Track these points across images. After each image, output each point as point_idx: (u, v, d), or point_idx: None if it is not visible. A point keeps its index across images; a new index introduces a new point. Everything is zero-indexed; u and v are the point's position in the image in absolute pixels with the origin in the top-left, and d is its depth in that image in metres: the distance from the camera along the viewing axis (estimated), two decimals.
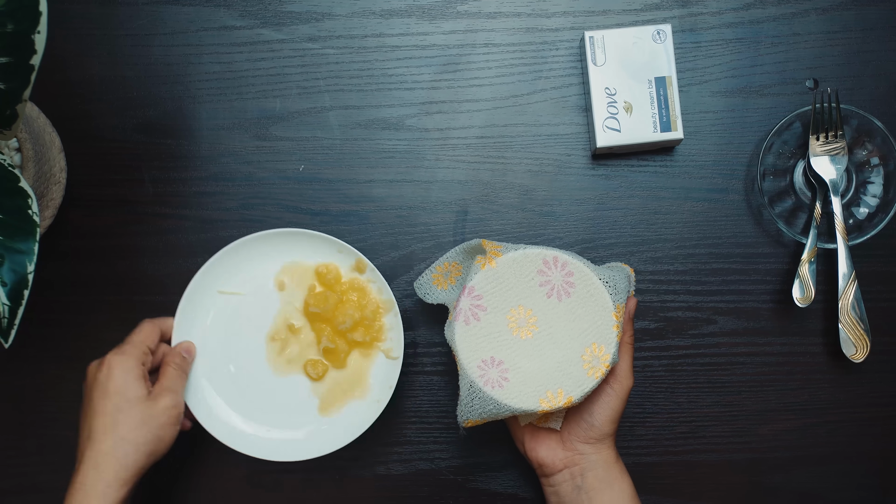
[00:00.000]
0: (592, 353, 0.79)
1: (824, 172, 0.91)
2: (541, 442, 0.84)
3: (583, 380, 0.79)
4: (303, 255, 0.90)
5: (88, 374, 0.84)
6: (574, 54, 0.94)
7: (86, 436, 0.81)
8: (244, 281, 0.91)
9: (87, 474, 0.79)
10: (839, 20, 0.94)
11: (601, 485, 0.81)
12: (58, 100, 0.93)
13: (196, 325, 0.90)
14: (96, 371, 0.83)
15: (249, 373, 0.91)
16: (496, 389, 0.80)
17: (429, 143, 0.94)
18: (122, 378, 0.82)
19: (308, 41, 0.94)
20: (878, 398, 0.94)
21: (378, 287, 0.89)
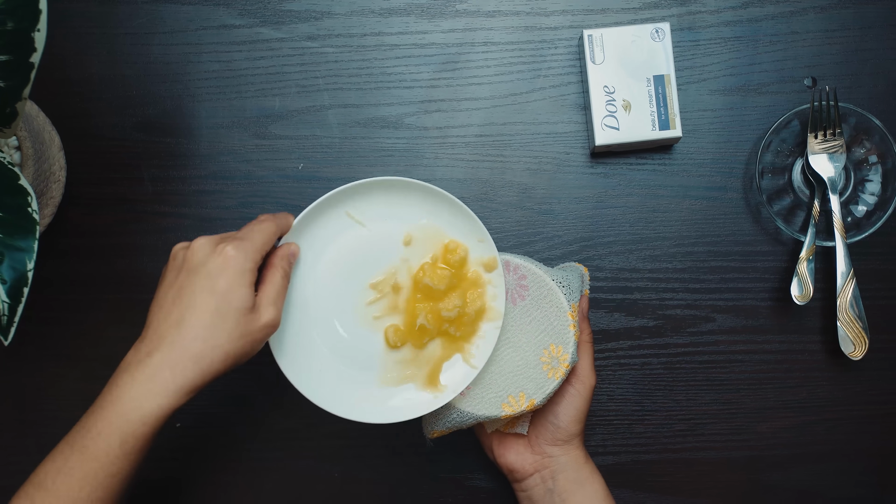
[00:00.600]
0: (551, 354, 0.80)
1: (822, 170, 0.91)
2: (509, 448, 0.84)
3: (543, 381, 0.79)
4: (445, 223, 0.83)
5: (192, 257, 0.72)
6: (573, 53, 0.94)
7: (171, 323, 0.70)
8: (376, 217, 0.83)
9: (160, 371, 0.69)
10: (837, 18, 0.94)
11: (573, 486, 0.81)
12: (57, 98, 0.93)
13: (308, 239, 0.81)
14: (206, 257, 0.72)
15: (329, 307, 0.83)
16: (460, 397, 0.80)
17: (428, 142, 0.94)
18: (235, 281, 0.71)
19: (307, 40, 0.94)
20: (877, 396, 0.94)
21: (494, 293, 0.83)
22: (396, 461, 0.94)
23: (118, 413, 0.68)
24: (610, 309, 0.93)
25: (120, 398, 0.69)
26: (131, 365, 0.70)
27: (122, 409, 0.68)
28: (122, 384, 0.69)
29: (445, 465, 0.94)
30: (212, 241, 0.73)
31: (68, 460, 0.69)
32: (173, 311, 0.71)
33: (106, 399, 0.70)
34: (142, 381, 0.69)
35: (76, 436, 0.69)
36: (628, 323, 0.93)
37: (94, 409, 0.70)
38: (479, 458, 0.93)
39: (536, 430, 0.84)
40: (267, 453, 0.94)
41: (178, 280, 0.72)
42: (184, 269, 0.72)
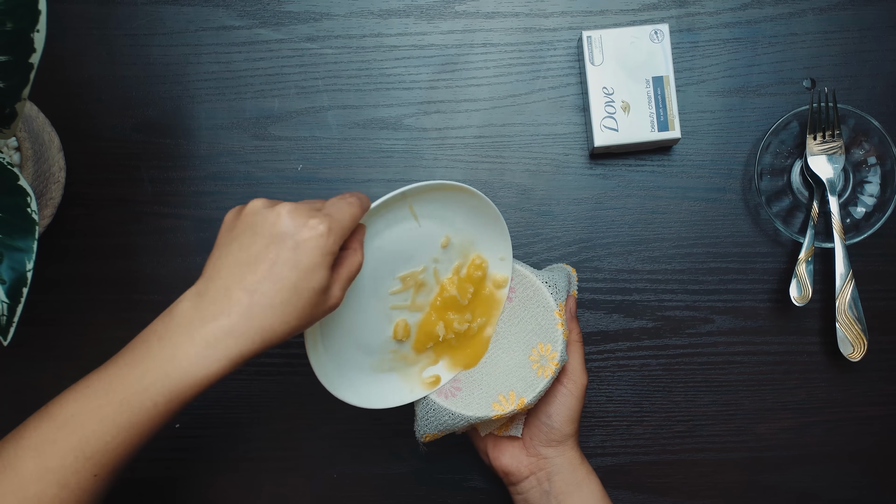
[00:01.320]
0: (539, 353, 0.80)
1: (821, 172, 0.91)
2: (503, 451, 0.84)
3: (533, 380, 0.80)
4: (479, 233, 0.82)
5: (279, 223, 0.66)
6: (572, 54, 0.94)
7: (245, 287, 0.65)
8: (427, 215, 0.80)
9: (224, 338, 0.64)
10: (836, 20, 0.94)
11: (569, 487, 0.81)
12: (57, 99, 0.93)
13: (370, 220, 0.77)
14: (294, 229, 0.66)
15: (356, 286, 0.79)
16: (450, 399, 0.81)
17: (427, 143, 0.94)
18: (321, 261, 0.66)
19: (306, 41, 0.94)
20: (876, 397, 0.94)
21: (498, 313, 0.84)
22: (394, 462, 0.94)
23: (168, 373, 0.64)
24: (609, 310, 0.94)
25: (174, 357, 0.64)
26: (192, 323, 0.65)
27: (173, 369, 0.64)
28: (179, 343, 0.65)
29: (443, 466, 0.94)
30: (300, 211, 0.66)
31: (102, 407, 0.64)
32: (248, 276, 0.65)
33: (155, 352, 0.65)
34: (202, 344, 0.64)
35: (115, 382, 0.65)
36: (627, 324, 0.94)
37: (140, 359, 0.65)
38: (476, 459, 0.93)
39: (531, 432, 0.83)
40: (266, 454, 0.94)
41: (256, 243, 0.66)
42: (266, 234, 0.66)
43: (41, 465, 0.63)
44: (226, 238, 0.68)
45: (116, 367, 0.66)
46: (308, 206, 0.67)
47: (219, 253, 0.68)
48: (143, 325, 0.92)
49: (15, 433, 0.66)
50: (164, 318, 0.67)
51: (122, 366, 0.66)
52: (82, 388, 0.66)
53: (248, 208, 0.68)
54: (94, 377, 0.66)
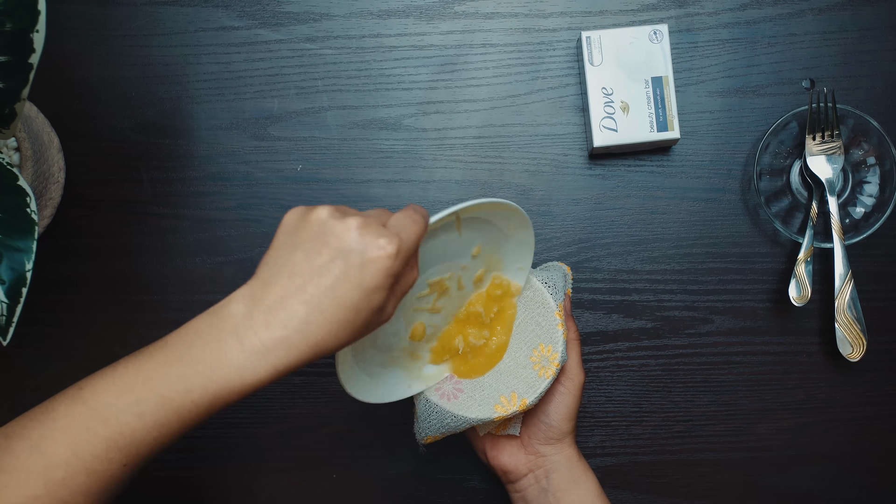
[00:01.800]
0: (541, 354, 0.80)
1: (821, 172, 0.91)
2: (502, 449, 0.84)
3: (535, 381, 0.80)
4: (506, 242, 0.81)
5: (347, 237, 0.62)
6: (571, 54, 0.94)
7: (303, 299, 0.62)
8: (468, 227, 0.78)
9: (275, 349, 0.62)
10: (836, 20, 0.94)
11: (567, 484, 0.81)
12: (56, 100, 0.93)
13: None
14: (363, 245, 0.62)
15: None
16: (452, 402, 0.81)
17: (426, 143, 0.94)
18: (384, 283, 0.63)
19: (306, 41, 0.94)
20: (875, 397, 0.94)
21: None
22: (394, 462, 0.94)
23: (213, 377, 0.62)
24: (608, 310, 0.94)
25: (220, 361, 0.62)
26: (243, 328, 0.62)
27: (219, 373, 0.62)
28: (227, 347, 0.62)
29: (443, 466, 0.94)
30: (370, 228, 0.63)
31: (140, 402, 0.62)
32: (309, 288, 0.62)
33: (199, 353, 0.62)
34: (251, 352, 0.62)
35: (155, 378, 0.62)
36: (626, 324, 0.94)
37: (182, 358, 0.63)
38: (476, 459, 0.93)
39: (529, 431, 0.84)
40: (266, 454, 0.94)
41: (322, 254, 0.62)
42: (333, 247, 0.62)
43: (71, 450, 0.61)
44: (287, 242, 0.65)
45: (155, 362, 0.63)
46: (377, 222, 0.64)
47: (277, 256, 0.64)
48: (143, 325, 0.93)
49: (42, 412, 0.64)
50: (210, 316, 0.64)
51: (161, 362, 0.63)
52: (118, 377, 0.63)
53: (315, 215, 0.64)
54: (129, 367, 0.64)
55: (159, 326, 0.93)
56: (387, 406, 0.91)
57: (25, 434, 0.63)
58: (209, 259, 0.94)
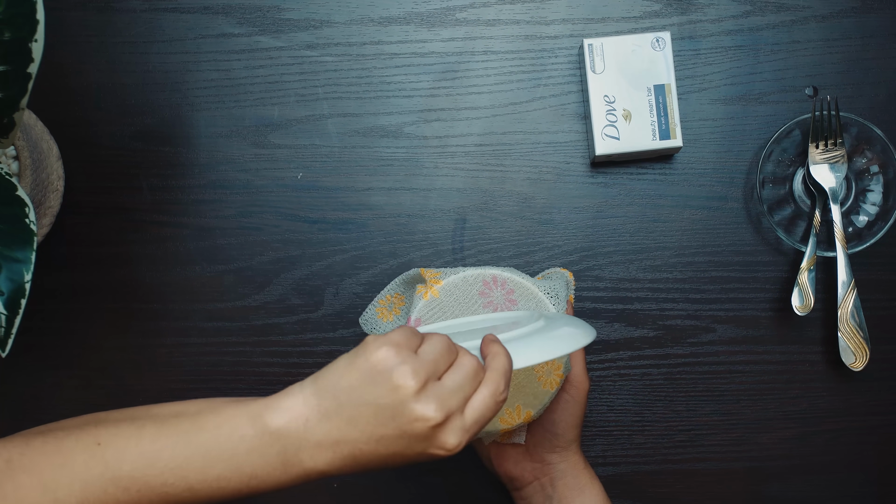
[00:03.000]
0: (546, 367, 0.79)
1: (824, 180, 0.90)
2: (507, 457, 0.84)
3: (539, 393, 0.79)
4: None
5: (426, 420, 0.60)
6: (573, 62, 0.94)
7: (369, 442, 0.61)
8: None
9: (311, 476, 0.62)
10: (839, 28, 0.94)
11: (572, 492, 0.81)
12: (55, 107, 0.93)
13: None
14: (437, 435, 0.61)
15: None
16: None
17: (427, 151, 0.94)
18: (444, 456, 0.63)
19: (306, 49, 0.94)
20: (878, 407, 0.94)
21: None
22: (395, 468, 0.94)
23: (252, 486, 0.62)
24: (610, 319, 0.93)
25: (263, 479, 0.62)
26: (291, 457, 0.61)
27: (259, 486, 0.62)
28: (272, 468, 0.62)
29: (443, 470, 0.93)
30: (448, 424, 0.60)
31: (168, 486, 0.61)
32: (363, 447, 0.61)
33: (246, 467, 0.61)
34: (293, 476, 0.62)
35: (190, 471, 0.61)
36: (628, 333, 0.93)
37: (226, 461, 0.61)
38: (476, 462, 0.93)
39: (534, 439, 0.83)
40: None
41: (389, 427, 0.60)
42: (402, 427, 0.60)
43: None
44: (363, 383, 0.61)
45: (190, 449, 0.61)
46: (450, 394, 0.61)
47: (350, 390, 0.61)
48: (142, 334, 0.93)
49: (55, 451, 0.62)
50: (256, 422, 0.61)
51: (199, 452, 0.61)
52: (146, 448, 0.61)
53: (400, 379, 0.59)
54: (158, 440, 0.61)
55: (159, 335, 0.93)
56: None
57: (36, 470, 0.61)
58: (209, 267, 0.93)
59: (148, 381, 0.93)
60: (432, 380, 0.61)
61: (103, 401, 0.93)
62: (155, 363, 0.94)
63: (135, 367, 0.93)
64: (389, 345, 0.60)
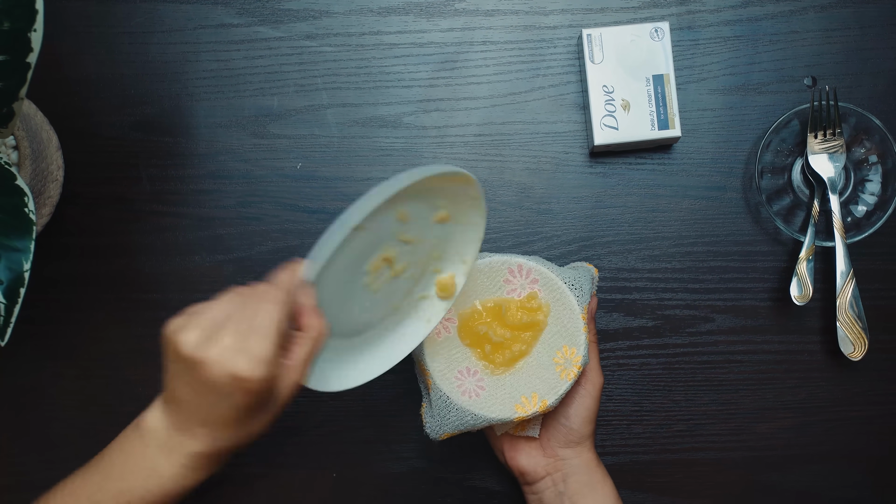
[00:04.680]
0: (564, 356, 0.79)
1: (822, 170, 0.90)
2: (520, 450, 0.84)
3: (556, 383, 0.79)
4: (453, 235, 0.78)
5: (202, 373, 0.65)
6: (572, 52, 0.94)
7: (202, 423, 0.67)
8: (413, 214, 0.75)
9: (190, 461, 0.68)
10: (837, 18, 0.94)
11: (584, 489, 0.81)
12: (55, 98, 0.93)
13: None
14: (219, 378, 0.64)
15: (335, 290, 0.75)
16: (473, 399, 0.80)
17: (426, 141, 0.94)
18: (255, 402, 0.67)
19: (305, 39, 0.94)
20: (876, 396, 0.94)
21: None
22: (394, 462, 0.94)
23: (150, 488, 0.69)
24: (609, 309, 0.93)
25: (155, 475, 0.69)
26: (167, 450, 0.69)
27: (156, 484, 0.69)
28: (158, 464, 0.69)
29: (444, 464, 0.94)
30: (233, 360, 0.65)
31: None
32: (201, 412, 0.67)
33: (138, 469, 0.69)
34: (178, 465, 0.69)
35: (101, 496, 0.70)
36: (627, 323, 0.93)
37: (122, 475, 0.69)
38: (478, 458, 0.93)
39: (548, 433, 0.83)
40: (266, 452, 0.94)
41: (200, 391, 0.66)
42: (205, 384, 0.65)
43: None
44: (174, 370, 0.67)
45: (98, 477, 0.70)
46: (213, 322, 0.65)
47: (174, 382, 0.67)
48: (142, 323, 0.93)
49: None
50: (135, 431, 0.70)
51: (104, 476, 0.70)
52: (68, 494, 0.70)
53: (182, 348, 0.65)
54: (77, 483, 0.70)
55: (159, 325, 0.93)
56: (388, 403, 0.91)
57: None
58: (208, 257, 0.93)
59: (147, 371, 0.93)
60: (205, 323, 0.66)
61: (102, 391, 0.93)
62: (154, 353, 0.93)
63: (134, 356, 0.94)
64: (180, 316, 0.67)
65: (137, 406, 0.93)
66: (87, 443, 0.93)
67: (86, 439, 0.94)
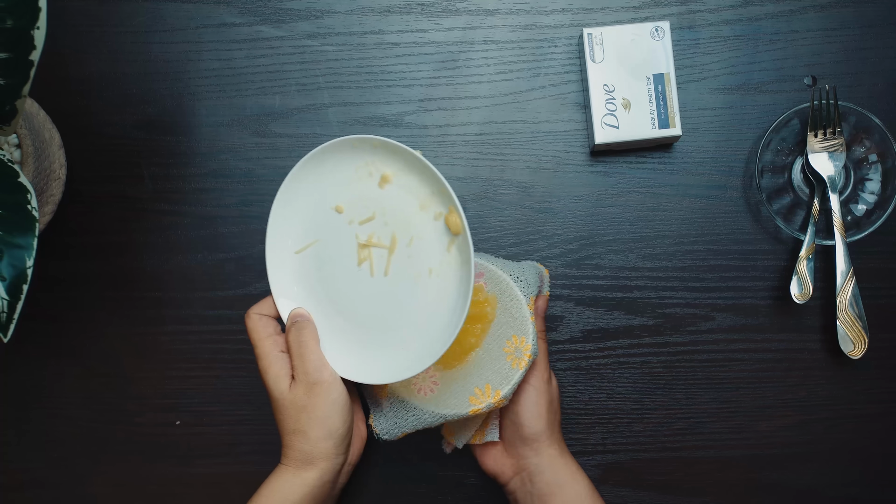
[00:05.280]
0: (514, 345, 0.80)
1: (822, 169, 0.91)
2: (487, 454, 0.85)
3: (508, 372, 0.80)
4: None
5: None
6: (573, 51, 0.94)
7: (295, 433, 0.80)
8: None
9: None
10: (837, 17, 0.94)
11: (551, 488, 0.81)
12: (58, 96, 0.93)
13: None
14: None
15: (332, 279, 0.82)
16: (429, 395, 0.81)
17: (427, 140, 0.94)
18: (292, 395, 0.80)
19: (307, 38, 0.94)
20: (876, 395, 0.94)
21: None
22: (394, 462, 0.94)
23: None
24: (609, 307, 0.93)
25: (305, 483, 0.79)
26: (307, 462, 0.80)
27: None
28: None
29: (443, 465, 0.94)
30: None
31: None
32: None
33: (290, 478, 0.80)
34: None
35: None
36: (628, 321, 0.94)
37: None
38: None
39: (506, 433, 0.84)
40: (266, 451, 0.94)
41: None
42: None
43: None
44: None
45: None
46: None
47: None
48: (144, 321, 0.94)
49: None
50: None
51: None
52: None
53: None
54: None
55: (160, 323, 0.94)
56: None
57: None
58: (210, 256, 0.94)
59: (149, 369, 0.94)
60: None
61: (104, 388, 0.94)
62: (156, 351, 0.94)
63: (136, 354, 0.94)
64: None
65: (138, 405, 0.94)
66: (88, 441, 0.94)
67: (87, 437, 0.94)
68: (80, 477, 0.94)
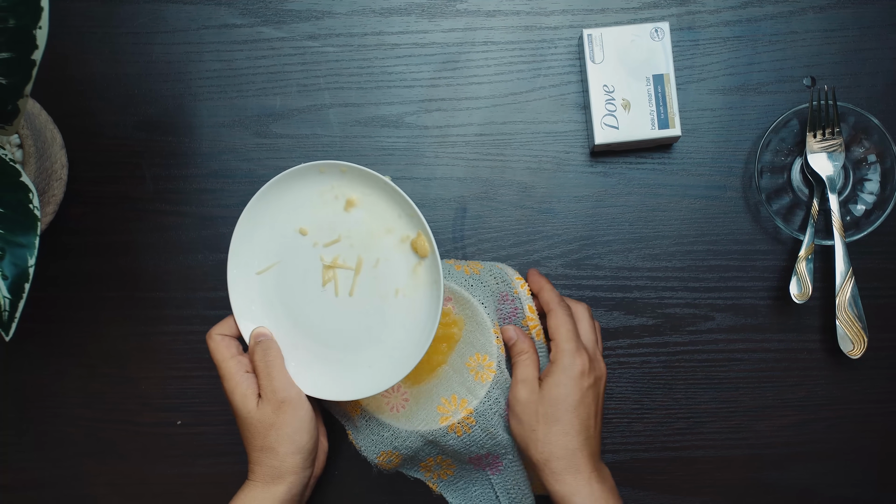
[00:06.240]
0: (476, 362, 0.82)
1: (821, 169, 0.91)
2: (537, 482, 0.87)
3: (472, 384, 0.82)
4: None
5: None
6: (573, 52, 0.94)
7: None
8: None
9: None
10: (836, 18, 0.94)
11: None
12: (59, 97, 0.94)
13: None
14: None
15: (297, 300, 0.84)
16: (400, 412, 0.82)
17: (428, 141, 0.94)
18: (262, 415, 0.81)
19: (308, 39, 0.94)
20: (876, 394, 0.94)
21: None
22: None
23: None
24: (609, 307, 0.94)
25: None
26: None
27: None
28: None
29: None
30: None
31: None
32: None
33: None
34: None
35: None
36: (627, 321, 0.94)
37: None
38: None
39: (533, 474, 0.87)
40: None
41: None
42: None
43: None
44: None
45: None
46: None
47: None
48: (145, 321, 0.94)
49: None
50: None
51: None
52: None
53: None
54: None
55: (161, 323, 0.94)
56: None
57: None
58: (211, 256, 0.94)
59: (150, 369, 0.94)
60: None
61: (105, 388, 0.94)
62: (157, 350, 0.94)
63: (137, 354, 0.94)
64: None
65: (139, 404, 0.94)
66: (90, 441, 0.94)
67: (88, 437, 0.94)
68: (80, 477, 0.94)
